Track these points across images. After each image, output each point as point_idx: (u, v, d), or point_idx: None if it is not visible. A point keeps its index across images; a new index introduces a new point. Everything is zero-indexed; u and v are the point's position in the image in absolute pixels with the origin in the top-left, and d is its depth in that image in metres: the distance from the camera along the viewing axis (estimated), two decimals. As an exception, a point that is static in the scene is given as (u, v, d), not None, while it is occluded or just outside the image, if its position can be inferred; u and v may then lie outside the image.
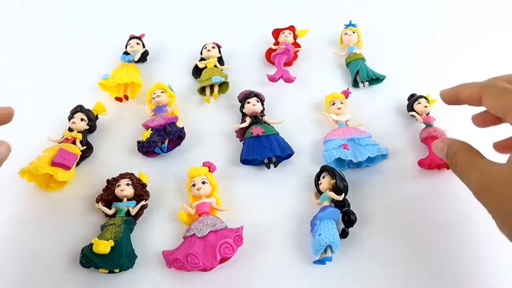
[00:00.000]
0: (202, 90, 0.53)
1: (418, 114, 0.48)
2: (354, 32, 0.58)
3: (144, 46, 0.59)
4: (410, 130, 0.49)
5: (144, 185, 0.41)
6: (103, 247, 0.35)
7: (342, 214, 0.38)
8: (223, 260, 0.35)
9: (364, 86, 0.54)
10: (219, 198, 0.41)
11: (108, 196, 0.40)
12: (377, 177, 0.43)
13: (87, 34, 0.65)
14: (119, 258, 0.35)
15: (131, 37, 0.58)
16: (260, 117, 0.47)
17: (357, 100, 0.52)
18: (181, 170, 0.43)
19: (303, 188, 0.42)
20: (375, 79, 0.54)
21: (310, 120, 0.50)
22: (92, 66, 0.58)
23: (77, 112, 0.47)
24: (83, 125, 0.46)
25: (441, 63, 0.58)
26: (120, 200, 0.40)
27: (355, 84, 0.54)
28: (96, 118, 0.49)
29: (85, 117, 0.47)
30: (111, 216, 0.39)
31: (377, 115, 0.50)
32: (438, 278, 0.35)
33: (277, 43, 0.59)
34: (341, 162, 0.44)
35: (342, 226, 0.37)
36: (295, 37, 0.59)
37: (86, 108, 0.48)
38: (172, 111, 0.49)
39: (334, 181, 0.39)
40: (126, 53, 0.57)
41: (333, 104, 0.49)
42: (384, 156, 0.44)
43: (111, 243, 0.35)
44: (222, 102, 0.53)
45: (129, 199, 0.40)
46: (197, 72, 0.56)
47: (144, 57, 0.58)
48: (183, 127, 0.46)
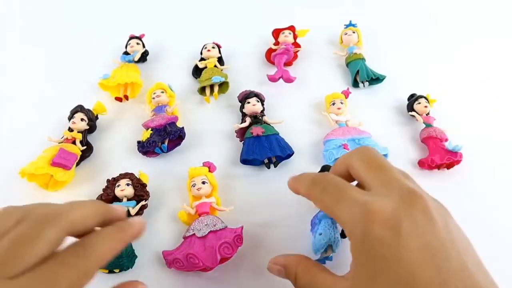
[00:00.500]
0: (202, 90, 0.53)
1: (418, 114, 0.48)
2: (354, 32, 0.58)
3: (144, 46, 0.59)
4: (410, 130, 0.49)
5: (144, 185, 0.41)
6: (103, 247, 0.34)
7: None
8: (223, 260, 0.35)
9: (364, 86, 0.54)
10: (219, 198, 0.41)
11: (108, 196, 0.40)
12: (377, 177, 0.43)
13: (87, 34, 0.65)
14: (119, 258, 0.35)
15: (131, 37, 0.58)
16: (260, 117, 0.47)
17: (357, 100, 0.52)
18: (181, 170, 0.43)
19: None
20: (375, 79, 0.54)
21: (310, 120, 0.50)
22: (92, 66, 0.58)
23: (77, 112, 0.47)
24: (83, 125, 0.46)
25: (441, 63, 0.58)
26: (120, 200, 0.40)
27: (355, 84, 0.54)
28: (96, 118, 0.49)
29: (85, 117, 0.47)
30: (111, 216, 0.39)
31: (377, 115, 0.50)
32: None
33: (277, 43, 0.59)
34: (341, 162, 0.44)
35: None
36: (295, 37, 0.59)
37: (86, 108, 0.48)
38: (172, 111, 0.49)
39: None
40: (126, 53, 0.57)
41: (333, 104, 0.49)
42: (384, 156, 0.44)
43: (111, 243, 0.35)
44: (222, 102, 0.53)
45: (129, 199, 0.40)
46: (197, 72, 0.56)
47: (144, 57, 0.58)
48: (183, 127, 0.46)
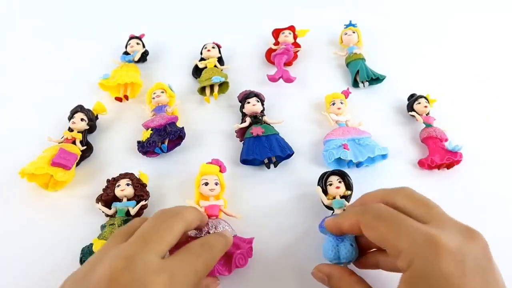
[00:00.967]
0: (202, 90, 0.53)
1: (418, 114, 0.48)
2: (354, 32, 0.58)
3: (144, 46, 0.59)
4: (410, 130, 0.49)
5: (144, 185, 0.41)
6: (103, 247, 0.34)
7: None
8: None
9: (364, 86, 0.54)
10: (226, 200, 0.40)
11: (108, 196, 0.40)
12: (377, 177, 0.43)
13: (87, 34, 0.65)
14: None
15: (131, 37, 0.58)
16: (260, 117, 0.47)
17: (357, 100, 0.52)
18: (181, 170, 0.43)
19: (303, 188, 0.42)
20: (375, 79, 0.54)
21: (310, 120, 0.50)
22: (92, 66, 0.58)
23: (77, 112, 0.47)
24: (83, 125, 0.46)
25: (441, 63, 0.58)
26: (120, 200, 0.40)
27: (355, 84, 0.54)
28: (96, 118, 0.49)
29: (85, 117, 0.47)
30: (111, 216, 0.39)
31: (377, 115, 0.50)
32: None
33: (277, 43, 0.59)
34: (341, 162, 0.44)
35: None
36: (295, 37, 0.59)
37: (86, 108, 0.48)
38: (172, 111, 0.49)
39: (351, 193, 0.38)
40: (126, 53, 0.57)
41: (333, 104, 0.49)
42: (384, 156, 0.44)
43: (111, 243, 0.35)
44: (222, 102, 0.53)
45: (129, 199, 0.40)
46: (197, 72, 0.56)
47: (144, 57, 0.58)
48: (183, 127, 0.46)
